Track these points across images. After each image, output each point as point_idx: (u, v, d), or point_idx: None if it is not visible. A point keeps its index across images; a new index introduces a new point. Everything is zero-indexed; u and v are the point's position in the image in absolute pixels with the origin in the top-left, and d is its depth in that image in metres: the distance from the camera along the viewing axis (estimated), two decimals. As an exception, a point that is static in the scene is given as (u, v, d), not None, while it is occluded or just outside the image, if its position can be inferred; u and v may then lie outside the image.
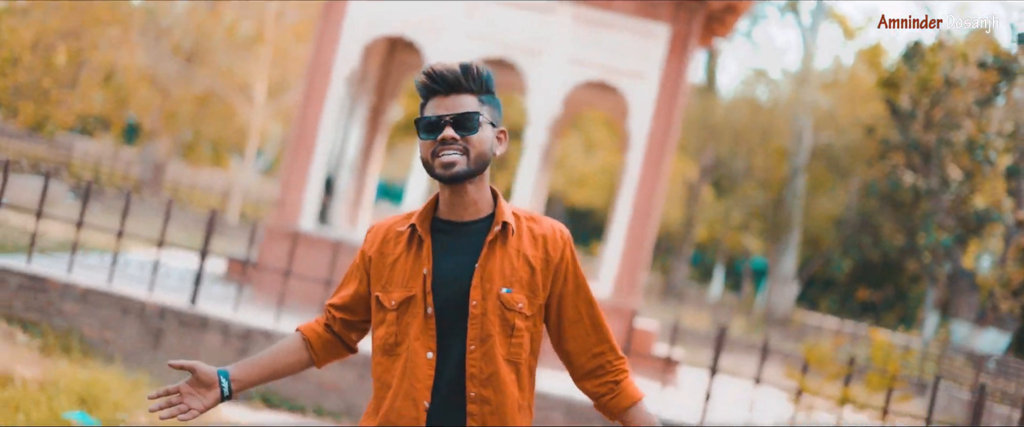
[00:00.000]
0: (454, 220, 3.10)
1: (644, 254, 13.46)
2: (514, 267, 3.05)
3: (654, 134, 13.49)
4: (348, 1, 13.68)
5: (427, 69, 3.07)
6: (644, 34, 13.59)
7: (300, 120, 13.87)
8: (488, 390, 3.01)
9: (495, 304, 3.02)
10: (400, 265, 3.09)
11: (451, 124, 3.00)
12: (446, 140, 2.99)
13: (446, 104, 3.03)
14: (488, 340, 3.01)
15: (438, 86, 3.04)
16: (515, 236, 3.09)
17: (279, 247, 13.00)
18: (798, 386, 9.25)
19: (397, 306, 3.05)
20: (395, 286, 3.08)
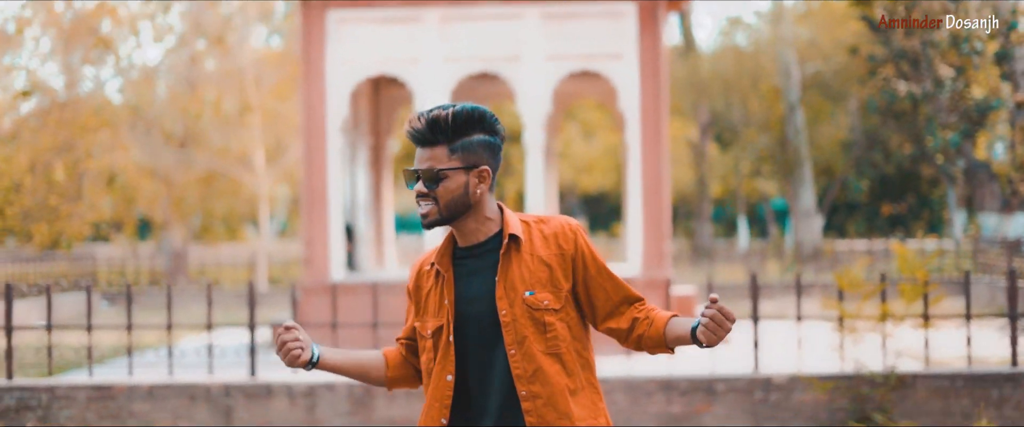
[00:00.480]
0: (469, 246, 3.43)
1: (664, 224, 13.79)
2: (532, 271, 3.36)
3: (646, 108, 13.82)
4: (325, 54, 14.04)
5: (407, 122, 3.38)
6: (613, 16, 13.93)
7: (307, 178, 14.23)
8: (536, 385, 3.31)
9: (522, 308, 3.33)
10: (432, 297, 3.43)
11: (420, 179, 3.33)
12: (419, 193, 3.34)
13: (421, 157, 3.34)
14: (524, 341, 3.32)
15: (415, 140, 3.36)
16: (527, 243, 3.40)
17: (318, 302, 13.38)
18: (838, 314, 9.57)
19: (431, 335, 3.41)
20: (429, 316, 3.43)
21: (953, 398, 9.20)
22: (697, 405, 9.70)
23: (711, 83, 35.69)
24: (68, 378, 10.62)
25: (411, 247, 39.55)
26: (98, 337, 14.60)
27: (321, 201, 14.16)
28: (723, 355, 9.96)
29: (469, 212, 3.36)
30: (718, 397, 9.70)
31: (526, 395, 3.31)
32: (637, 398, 9.80)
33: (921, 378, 9.31)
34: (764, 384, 9.64)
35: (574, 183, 45.01)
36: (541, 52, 13.90)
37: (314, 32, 14.09)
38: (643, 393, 9.75)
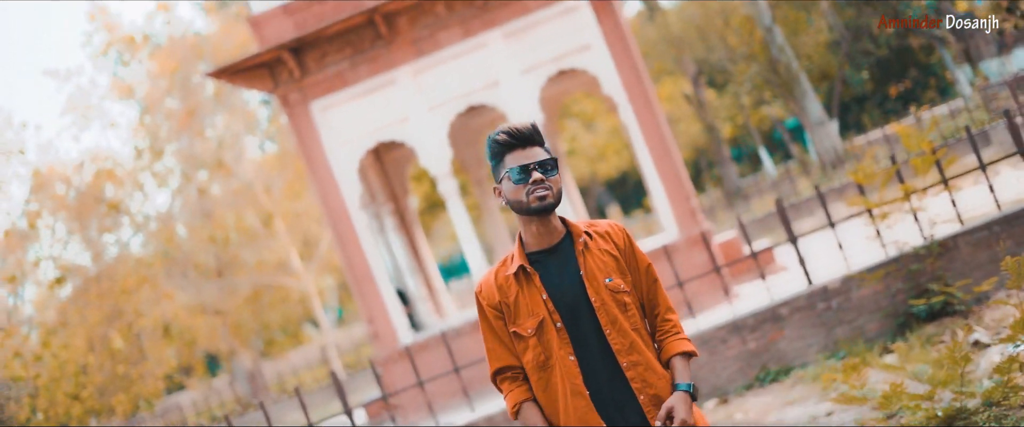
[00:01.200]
0: (543, 248, 4.02)
1: (684, 184, 14.25)
2: (604, 262, 4.01)
3: (629, 85, 14.29)
4: (322, 143, 14.60)
5: (506, 128, 3.99)
6: (570, 12, 14.41)
7: (347, 263, 14.78)
8: (634, 355, 3.94)
9: (607, 294, 3.96)
10: (521, 300, 3.99)
11: (538, 169, 3.91)
12: (536, 181, 3.90)
13: (526, 155, 3.95)
14: (616, 321, 3.94)
15: (517, 141, 3.97)
16: (593, 241, 4.04)
17: (398, 369, 13.93)
18: (864, 208, 10.03)
19: (533, 332, 3.96)
20: (523, 317, 3.98)
21: (995, 245, 9.64)
22: (770, 335, 10.18)
23: (686, 34, 36.13)
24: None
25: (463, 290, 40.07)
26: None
27: (368, 279, 14.69)
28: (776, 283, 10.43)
29: (556, 207, 3.98)
30: (785, 321, 10.19)
31: (627, 365, 3.92)
32: (714, 349, 10.30)
33: (960, 237, 9.76)
34: (822, 294, 10.12)
35: (593, 173, 45.42)
36: (515, 69, 14.40)
37: (304, 127, 14.67)
38: (718, 342, 10.24)
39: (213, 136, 30.77)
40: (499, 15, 14.34)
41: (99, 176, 30.43)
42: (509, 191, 3.96)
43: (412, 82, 14.56)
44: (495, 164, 4.02)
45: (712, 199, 40.59)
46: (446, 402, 13.08)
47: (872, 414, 7.02)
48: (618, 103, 14.45)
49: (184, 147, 30.74)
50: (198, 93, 29.92)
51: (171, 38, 31.35)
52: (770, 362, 10.22)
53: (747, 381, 10.24)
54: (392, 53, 14.51)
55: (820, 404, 8.30)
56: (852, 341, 9.88)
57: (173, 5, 33.64)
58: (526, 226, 4.01)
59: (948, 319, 9.38)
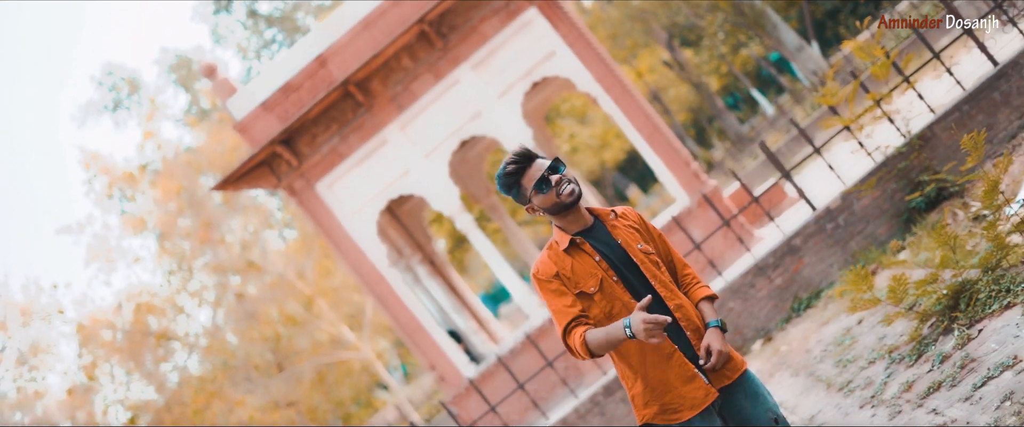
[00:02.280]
0: (579, 230, 4.69)
1: (681, 152, 14.82)
2: (632, 233, 4.73)
3: (600, 76, 14.87)
4: (337, 218, 15.26)
5: (508, 159, 4.66)
6: (526, 26, 15.00)
7: (393, 319, 15.42)
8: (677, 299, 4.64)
9: (643, 255, 4.66)
10: (578, 267, 4.64)
11: (554, 172, 4.59)
12: (558, 182, 4.57)
13: (536, 169, 4.61)
14: (656, 275, 4.64)
15: (522, 163, 4.62)
16: (618, 219, 4.75)
17: (470, 403, 14.56)
18: (841, 126, 10.61)
19: (597, 289, 4.60)
20: (584, 279, 4.62)
21: (969, 122, 10.20)
22: (792, 267, 10.78)
23: (648, 5, 36.72)
24: None
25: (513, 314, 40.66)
26: None
27: (418, 330, 15.32)
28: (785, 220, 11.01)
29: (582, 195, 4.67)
30: (802, 250, 10.78)
31: (674, 307, 4.62)
32: (746, 295, 10.90)
33: (935, 125, 10.34)
34: (827, 215, 10.71)
35: (601, 162, 45.95)
36: (492, 95, 15.01)
37: (316, 208, 15.34)
38: (747, 286, 10.84)
39: (234, 241, 31.44)
40: (461, 51, 14.97)
41: (139, 312, 31.17)
42: (542, 201, 4.59)
43: (402, 136, 15.20)
44: (516, 192, 4.65)
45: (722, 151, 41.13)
46: (521, 418, 13.70)
47: (896, 310, 7.58)
48: (596, 97, 15.03)
49: (210, 260, 31.41)
50: (207, 205, 30.63)
51: (166, 161, 32.11)
52: (800, 291, 10.81)
53: (784, 315, 10.83)
54: (376, 116, 15.16)
55: (851, 316, 8.88)
56: (866, 250, 10.46)
57: (157, 129, 34.49)
58: (564, 218, 4.66)
59: (946, 202, 9.94)
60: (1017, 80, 9.98)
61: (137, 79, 40.84)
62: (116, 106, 40.69)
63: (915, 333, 7.04)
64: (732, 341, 10.94)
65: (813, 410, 7.71)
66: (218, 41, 43.80)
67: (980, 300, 6.56)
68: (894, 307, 7.44)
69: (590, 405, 11.48)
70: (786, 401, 8.38)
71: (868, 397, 6.95)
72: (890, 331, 7.69)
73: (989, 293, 6.54)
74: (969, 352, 6.18)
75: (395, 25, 14.94)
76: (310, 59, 15.18)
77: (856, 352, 8.01)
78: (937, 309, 6.89)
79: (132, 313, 31.40)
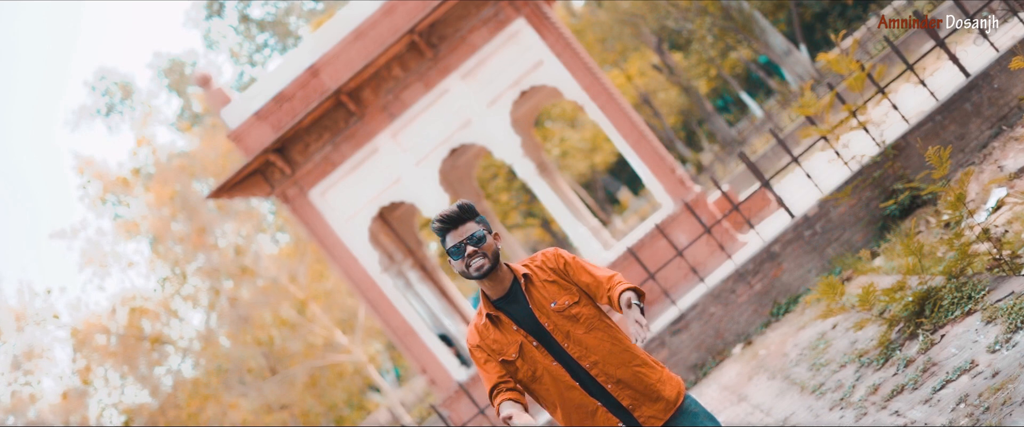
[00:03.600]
0: (501, 296, 4.90)
1: (665, 158, 15.12)
2: (548, 288, 4.88)
3: (587, 85, 15.17)
4: (330, 224, 15.55)
5: (438, 216, 4.85)
6: (513, 37, 15.31)
7: (384, 324, 15.72)
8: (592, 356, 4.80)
9: (556, 315, 4.83)
10: (498, 336, 4.87)
11: (470, 242, 4.80)
12: (470, 254, 4.79)
13: (459, 233, 4.81)
14: (569, 334, 4.83)
15: (449, 224, 4.83)
16: (534, 275, 4.91)
17: (460, 405, 14.86)
18: (819, 136, 10.93)
19: (518, 355, 4.84)
20: (504, 347, 4.87)
21: (942, 132, 10.52)
22: (772, 273, 11.10)
23: (637, 8, 37.02)
24: None
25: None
26: None
27: (409, 334, 15.61)
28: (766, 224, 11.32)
29: (499, 262, 4.87)
30: (781, 256, 11.11)
31: (589, 366, 4.80)
32: (727, 301, 11.22)
33: (909, 135, 10.66)
34: (805, 222, 11.04)
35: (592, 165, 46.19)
36: (481, 104, 15.31)
37: (309, 215, 15.63)
38: (727, 293, 11.16)
39: (227, 245, 31.67)
40: (451, 61, 15.27)
41: (133, 316, 31.38)
42: (454, 266, 4.80)
43: (394, 144, 15.49)
44: (442, 243, 4.85)
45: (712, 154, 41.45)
46: (512, 421, 13.98)
47: (867, 316, 7.90)
48: (583, 105, 15.34)
49: (203, 264, 31.62)
50: (201, 209, 30.85)
51: (159, 165, 32.35)
52: (779, 296, 11.13)
53: (764, 319, 11.16)
54: (367, 125, 15.46)
55: (826, 321, 9.20)
56: (843, 255, 10.79)
57: (151, 135, 34.73)
58: (482, 284, 4.86)
59: (919, 210, 10.27)
60: (988, 91, 10.30)
61: (130, 84, 41.11)
62: (109, 111, 40.98)
63: (883, 338, 7.36)
64: (713, 346, 11.26)
65: (787, 411, 8.03)
66: (210, 46, 44.08)
67: (944, 306, 6.87)
68: (865, 313, 7.76)
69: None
70: (763, 403, 8.70)
71: (838, 399, 7.28)
72: (861, 335, 8.01)
73: (952, 300, 6.85)
74: (931, 356, 6.50)
75: (386, 35, 15.23)
76: (303, 69, 15.47)
77: (829, 356, 8.34)
78: (904, 315, 7.20)
79: (126, 317, 31.62)
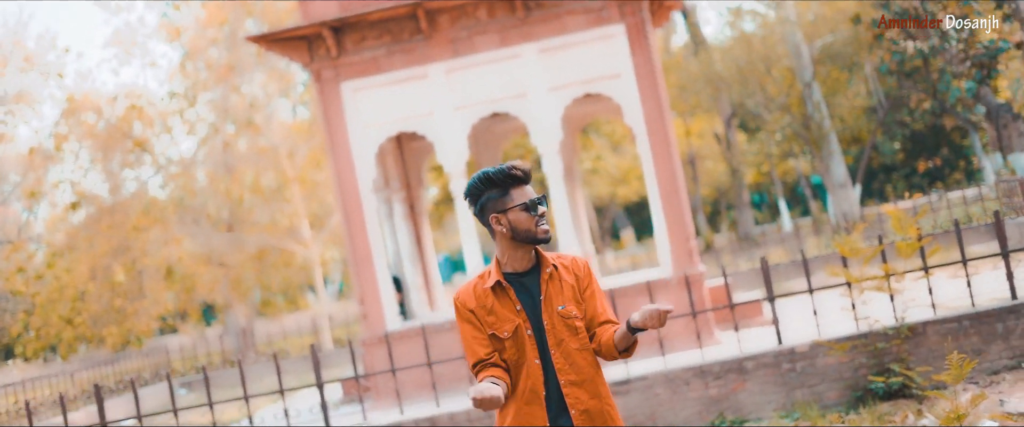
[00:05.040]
0: (517, 271, 4.64)
1: (686, 224, 14.57)
2: (563, 291, 4.62)
3: (650, 118, 14.62)
4: (346, 122, 14.99)
5: (518, 165, 4.60)
6: (605, 39, 14.75)
7: (350, 240, 15.16)
8: (573, 374, 4.56)
9: (558, 319, 4.58)
10: (498, 309, 4.60)
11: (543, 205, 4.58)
12: (542, 215, 4.58)
13: (528, 191, 4.60)
14: (562, 343, 4.57)
15: (524, 178, 4.59)
16: (558, 272, 4.66)
17: (378, 353, 14.31)
18: (844, 279, 10.36)
19: (511, 335, 4.56)
20: (502, 323, 4.58)
21: (962, 338, 9.96)
22: (732, 385, 10.53)
23: (726, 75, 36.38)
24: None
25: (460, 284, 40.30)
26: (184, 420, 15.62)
27: (367, 260, 15.07)
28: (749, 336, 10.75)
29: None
30: (749, 374, 10.53)
31: (565, 382, 4.54)
32: (676, 388, 10.65)
33: (930, 324, 10.09)
34: (789, 355, 10.46)
35: (613, 195, 45.72)
36: (544, 85, 14.75)
37: (332, 104, 15.07)
38: (681, 382, 10.59)
39: (248, 93, 31.20)
40: (537, 30, 14.70)
41: (131, 112, 30.92)
42: (520, 220, 4.54)
43: (443, 80, 14.93)
44: (499, 195, 4.57)
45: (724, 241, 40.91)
46: (415, 393, 13.44)
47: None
48: (636, 133, 14.78)
49: (218, 99, 31.16)
50: (241, 49, 30.35)
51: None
52: (727, 411, 10.57)
53: (703, 424, 10.59)
54: (429, 48, 14.89)
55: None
56: (809, 405, 10.22)
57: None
58: (512, 251, 4.61)
59: (904, 401, 9.71)
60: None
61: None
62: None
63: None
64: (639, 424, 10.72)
65: None
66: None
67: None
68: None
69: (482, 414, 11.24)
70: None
71: None
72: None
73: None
74: None
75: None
76: (397, -35, 14.90)
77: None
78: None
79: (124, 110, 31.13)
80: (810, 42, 34.76)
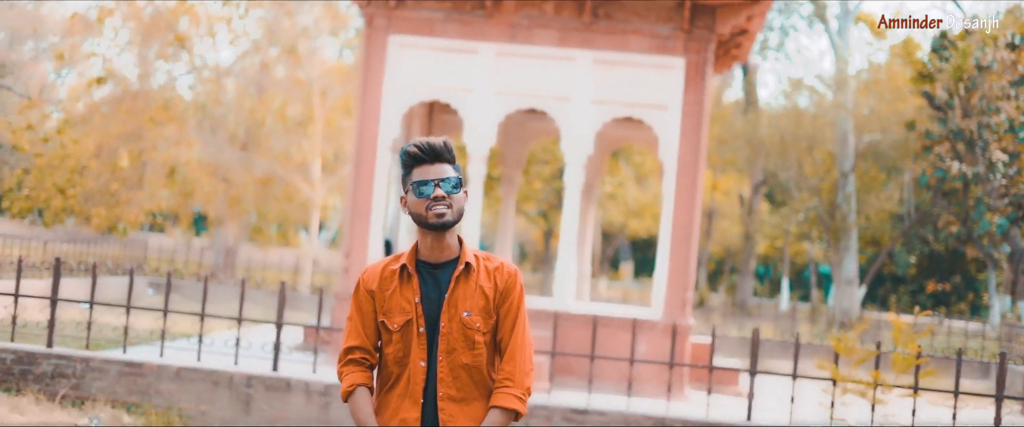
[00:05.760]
0: (432, 261, 4.11)
1: (689, 274, 14.23)
2: (474, 296, 4.07)
3: (684, 160, 14.29)
4: (384, 75, 14.67)
5: (418, 142, 4.06)
6: (662, 68, 14.43)
7: (354, 192, 14.85)
8: (453, 390, 4.04)
9: (458, 324, 4.04)
10: (395, 296, 4.08)
11: (440, 186, 3.96)
12: (437, 198, 3.97)
13: (431, 171, 4.01)
14: (453, 352, 4.04)
15: (426, 156, 4.03)
16: (475, 273, 4.10)
17: (344, 310, 13.97)
18: (830, 375, 10.01)
19: (400, 328, 4.06)
20: (395, 312, 4.07)
21: (931, 467, 9.62)
22: (687, 447, 10.18)
23: (768, 142, 36.01)
24: (102, 354, 11.27)
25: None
26: (137, 319, 15.30)
27: (364, 215, 14.75)
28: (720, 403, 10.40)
29: (457, 223, 4.05)
30: (707, 440, 10.19)
31: (442, 395, 4.03)
32: None
33: (903, 443, 9.74)
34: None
35: (624, 225, 45.40)
36: (589, 95, 14.42)
37: (375, 53, 14.74)
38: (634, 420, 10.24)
39: (300, 22, 30.90)
40: (598, 39, 14.38)
41: (181, 6, 30.63)
42: (412, 203, 4.03)
43: (491, 61, 14.59)
44: (404, 174, 4.09)
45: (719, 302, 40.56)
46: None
47: None
48: (666, 170, 14.47)
49: (269, 18, 30.88)
50: (304, -24, 30.10)
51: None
52: (674, 471, 10.24)
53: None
54: (486, 26, 14.56)
55: None
56: (756, 489, 9.88)
57: None
58: (423, 237, 4.09)
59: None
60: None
61: None
62: None
63: None
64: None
65: None
66: None
67: None
68: None
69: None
70: None
71: None
72: None
73: None
74: None
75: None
76: (480, -64, 14.57)
77: None
78: None
79: (175, 2, 30.84)
80: (859, 135, 34.40)
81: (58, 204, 29.92)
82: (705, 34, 14.40)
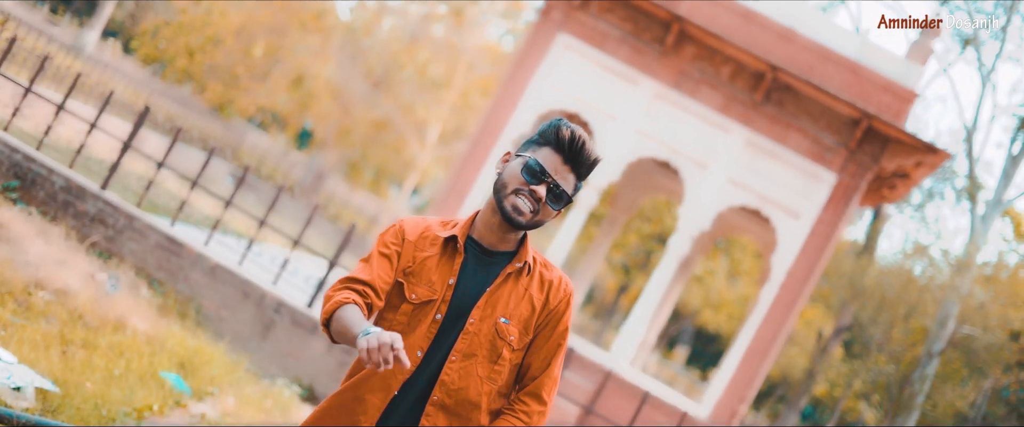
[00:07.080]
0: (485, 245, 3.29)
1: (750, 388, 13.42)
2: (519, 302, 3.26)
3: (794, 274, 13.49)
4: (535, 70, 14.04)
5: (573, 128, 3.23)
6: (810, 175, 13.64)
7: (459, 169, 14.25)
8: (452, 400, 3.20)
9: (490, 328, 3.22)
10: (429, 265, 3.26)
11: (549, 186, 3.20)
12: (534, 193, 3.17)
13: (558, 166, 3.21)
14: (472, 357, 3.22)
15: (566, 150, 3.22)
16: (528, 277, 3.28)
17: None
18: None
19: (417, 303, 3.22)
20: (420, 283, 3.24)
21: None
22: None
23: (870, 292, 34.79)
24: (150, 218, 10.72)
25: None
26: (198, 200, 14.83)
27: (460, 195, 14.18)
28: None
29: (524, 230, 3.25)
30: None
31: (436, 401, 3.21)
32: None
33: None
34: None
35: (697, 311, 44.41)
36: (728, 172, 13.70)
37: (538, 44, 14.13)
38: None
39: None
40: (759, 121, 13.66)
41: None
42: (509, 172, 3.22)
43: (647, 99, 13.93)
44: (532, 142, 3.27)
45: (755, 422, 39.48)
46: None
47: None
48: (772, 277, 13.71)
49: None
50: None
51: None
52: None
53: None
54: (656, 63, 13.89)
55: None
56: None
57: None
58: (490, 215, 3.26)
59: None
60: None
61: None
62: None
63: None
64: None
65: None
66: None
67: None
68: None
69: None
70: None
71: None
72: None
73: None
74: None
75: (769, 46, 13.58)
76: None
77: None
78: None
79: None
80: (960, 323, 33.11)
81: (182, 64, 29.81)
82: (868, 161, 13.58)
